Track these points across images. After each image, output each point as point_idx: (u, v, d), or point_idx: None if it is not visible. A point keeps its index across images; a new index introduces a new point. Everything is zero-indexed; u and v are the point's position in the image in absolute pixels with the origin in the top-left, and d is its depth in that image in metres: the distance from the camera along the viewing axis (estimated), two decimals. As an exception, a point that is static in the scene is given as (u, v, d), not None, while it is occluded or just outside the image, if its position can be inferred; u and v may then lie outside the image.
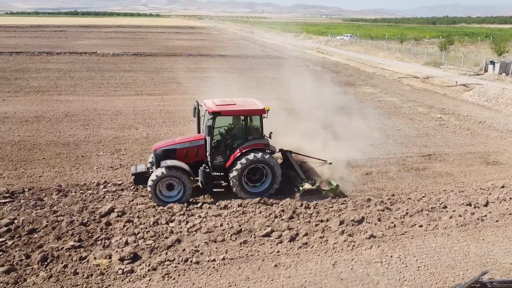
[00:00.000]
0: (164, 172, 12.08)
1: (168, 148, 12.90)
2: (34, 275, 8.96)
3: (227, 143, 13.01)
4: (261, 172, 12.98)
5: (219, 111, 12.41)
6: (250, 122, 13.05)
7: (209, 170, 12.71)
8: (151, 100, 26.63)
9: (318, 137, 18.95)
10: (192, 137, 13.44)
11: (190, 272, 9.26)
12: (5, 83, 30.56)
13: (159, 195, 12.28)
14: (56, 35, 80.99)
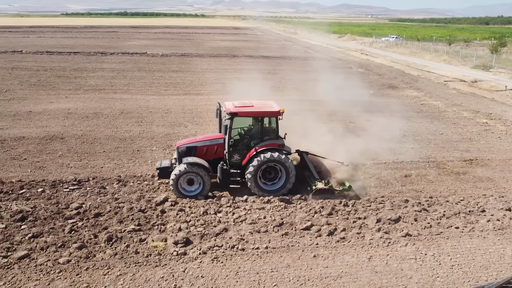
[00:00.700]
0: (185, 168, 13.10)
1: (190, 146, 13.91)
2: (101, 252, 10.28)
3: (244, 143, 13.85)
4: (276, 171, 13.63)
5: (236, 112, 13.30)
6: (268, 123, 13.81)
7: (227, 167, 13.67)
8: (198, 100, 28.03)
9: (358, 139, 19.50)
10: (212, 136, 14.43)
11: (236, 257, 10.25)
12: (66, 82, 33.12)
13: (180, 189, 13.29)
14: (109, 36, 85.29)
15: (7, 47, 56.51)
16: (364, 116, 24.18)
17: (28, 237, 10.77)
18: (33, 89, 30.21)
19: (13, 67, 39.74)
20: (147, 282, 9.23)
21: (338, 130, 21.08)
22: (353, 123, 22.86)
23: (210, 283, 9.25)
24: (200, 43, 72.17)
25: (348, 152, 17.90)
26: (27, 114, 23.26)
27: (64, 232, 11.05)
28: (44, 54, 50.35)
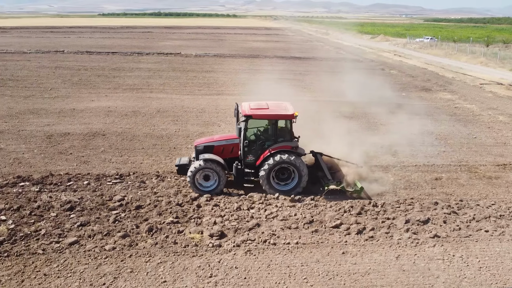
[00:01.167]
0: (201, 164, 13.64)
1: (207, 145, 14.45)
2: (143, 241, 11.08)
3: (259, 144, 14.24)
4: (289, 172, 13.98)
5: (251, 114, 13.70)
6: (285, 125, 14.17)
7: (241, 166, 14.18)
8: (231, 100, 28.68)
9: (388, 141, 19.67)
10: (229, 136, 14.94)
11: (268, 251, 10.80)
12: (106, 81, 34.67)
13: (196, 184, 13.86)
14: (144, 36, 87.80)
15: (50, 47, 59.36)
16: (395, 119, 24.19)
17: (76, 225, 11.72)
18: (75, 87, 31.85)
19: (56, 66, 41.87)
20: (185, 271, 9.93)
21: (368, 132, 21.31)
22: (384, 125, 22.95)
23: (243, 274, 9.84)
24: (232, 44, 73.19)
25: (377, 154, 18.16)
26: (71, 111, 24.66)
27: (108, 222, 11.95)
28: (84, 54, 52.62)
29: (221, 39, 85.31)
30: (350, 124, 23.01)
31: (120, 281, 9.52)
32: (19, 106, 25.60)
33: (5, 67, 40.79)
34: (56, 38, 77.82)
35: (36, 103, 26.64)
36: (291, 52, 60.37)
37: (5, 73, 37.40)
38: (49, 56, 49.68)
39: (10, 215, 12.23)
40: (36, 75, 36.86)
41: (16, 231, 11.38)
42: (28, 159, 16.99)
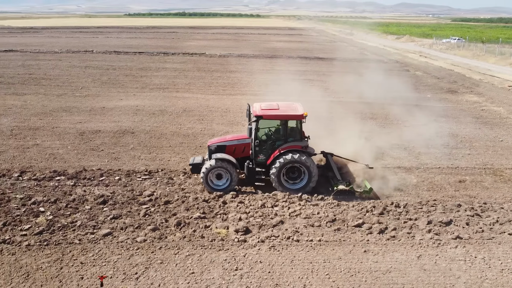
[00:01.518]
0: (214, 163, 14.06)
1: (220, 144, 14.86)
2: (172, 234, 11.62)
3: (270, 143, 14.55)
4: (299, 171, 14.26)
5: (261, 115, 14.08)
6: (295, 125, 14.47)
7: (253, 165, 14.49)
8: (254, 100, 28.98)
9: (412, 143, 19.71)
10: (241, 136, 15.30)
11: (291, 247, 11.17)
12: (133, 80, 35.69)
13: (209, 183, 14.27)
14: (169, 36, 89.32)
15: (80, 47, 61.25)
16: (419, 121, 24.13)
17: (109, 218, 12.38)
18: (105, 86, 32.94)
19: (86, 66, 43.29)
20: (212, 263, 10.40)
21: (391, 134, 21.37)
22: (407, 127, 22.92)
23: (267, 268, 10.24)
24: (256, 44, 73.67)
25: (400, 155, 18.26)
26: (101, 109, 25.61)
27: (139, 216, 12.56)
28: (112, 54, 54.11)
29: (244, 39, 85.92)
30: (373, 126, 23.12)
31: (151, 271, 10.07)
32: (52, 104, 26.74)
33: (38, 66, 42.46)
34: (85, 38, 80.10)
35: (68, 101, 27.75)
36: (315, 53, 60.40)
37: (38, 72, 38.96)
38: (79, 56, 51.34)
39: (48, 207, 13.00)
40: (67, 74, 38.26)
41: (54, 222, 12.12)
42: (62, 155, 17.87)
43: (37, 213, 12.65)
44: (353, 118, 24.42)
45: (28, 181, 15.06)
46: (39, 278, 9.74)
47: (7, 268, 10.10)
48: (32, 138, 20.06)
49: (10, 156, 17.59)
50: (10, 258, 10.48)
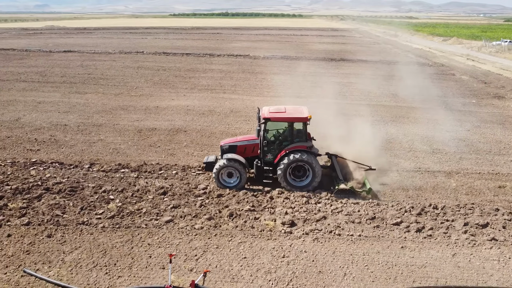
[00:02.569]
0: (225, 162, 15.24)
1: (231, 145, 16.04)
2: (225, 224, 13.01)
3: (277, 144, 15.64)
4: (304, 170, 15.24)
5: (269, 117, 15.18)
6: (301, 127, 15.50)
7: (261, 164, 15.57)
8: (298, 103, 30.18)
9: (454, 148, 20.13)
10: (251, 137, 16.45)
11: (333, 240, 12.24)
12: (182, 81, 37.75)
13: (221, 180, 15.44)
14: (214, 37, 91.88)
15: (131, 48, 64.67)
16: (463, 126, 24.32)
17: (170, 207, 13.95)
18: (157, 87, 35.14)
19: (138, 66, 46.00)
20: (262, 250, 11.68)
21: (433, 138, 21.82)
22: (449, 132, 23.19)
23: (311, 257, 11.39)
24: (299, 46, 74.47)
25: (441, 160, 18.80)
26: (155, 109, 27.62)
27: (195, 206, 14.06)
28: (161, 55, 56.84)
29: (287, 40, 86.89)
30: (415, 129, 23.59)
31: (208, 254, 11.49)
32: (111, 103, 29.09)
33: (95, 66, 45.60)
34: (135, 39, 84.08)
35: (125, 100, 30.04)
36: (358, 55, 60.43)
37: (96, 72, 41.95)
38: (131, 57, 54.40)
39: (116, 195, 14.79)
40: (122, 74, 40.96)
41: (123, 208, 13.85)
42: (124, 150, 19.80)
43: (107, 200, 14.46)
44: (396, 123, 25.04)
45: (97, 172, 17.02)
46: (114, 255, 11.41)
47: (87, 245, 11.85)
48: (97, 134, 22.22)
49: (80, 150, 19.72)
50: (89, 237, 12.26)
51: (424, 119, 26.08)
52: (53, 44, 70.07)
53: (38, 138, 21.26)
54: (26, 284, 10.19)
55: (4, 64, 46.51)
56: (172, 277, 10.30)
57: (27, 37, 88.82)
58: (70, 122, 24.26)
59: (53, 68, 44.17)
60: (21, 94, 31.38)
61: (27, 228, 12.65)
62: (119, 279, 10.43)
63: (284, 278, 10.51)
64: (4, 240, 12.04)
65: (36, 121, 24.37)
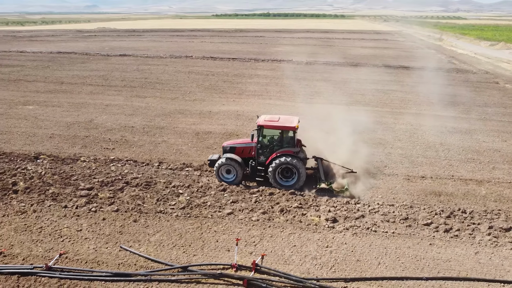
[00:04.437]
0: (224, 161, 17.94)
1: (231, 146, 18.83)
2: (277, 218, 15.41)
3: (269, 147, 18.08)
4: (291, 171, 17.59)
5: (263, 125, 17.66)
6: (289, 134, 17.92)
7: (255, 165, 18.06)
8: (339, 109, 32.11)
9: (488, 157, 21.49)
10: (248, 141, 18.98)
11: (369, 236, 14.33)
12: (231, 87, 40.53)
13: (220, 176, 18.24)
14: (257, 41, 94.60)
15: (180, 52, 68.51)
16: (500, 136, 25.38)
17: (229, 202, 16.53)
18: (208, 92, 38.11)
19: (189, 71, 49.36)
20: (308, 241, 13.97)
21: (470, 148, 23.18)
22: (485, 142, 24.39)
23: (350, 248, 13.56)
24: (341, 50, 75.71)
25: (474, 169, 20.28)
26: (208, 113, 30.47)
27: (251, 202, 16.55)
28: (209, 59, 60.14)
29: (329, 44, 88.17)
30: (451, 139, 24.95)
31: (264, 241, 13.93)
32: (169, 107, 32.26)
33: (150, 71, 49.39)
34: (182, 43, 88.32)
35: (181, 104, 33.14)
36: (400, 61, 61.07)
37: (151, 76, 45.62)
38: (181, 61, 58.02)
39: (184, 190, 17.55)
40: (175, 79, 44.36)
41: (191, 201, 16.57)
42: (185, 150, 22.65)
43: (177, 194, 17.25)
44: (432, 131, 26.48)
45: (165, 169, 19.91)
46: (188, 239, 14.08)
47: (166, 229, 14.62)
48: (160, 135, 25.27)
49: (147, 149, 22.78)
50: (166, 223, 15.03)
51: (462, 129, 27.28)
52: (109, 48, 75.27)
53: (112, 138, 24.57)
54: (123, 256, 13.05)
55: (69, 68, 51.30)
56: (237, 257, 12.80)
57: (83, 40, 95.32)
58: (136, 124, 27.52)
59: (113, 72, 48.33)
60: (90, 97, 35.25)
61: (116, 214, 15.62)
62: (194, 257, 13.08)
63: (327, 264, 12.77)
64: (101, 222, 15.04)
65: (107, 122, 27.83)
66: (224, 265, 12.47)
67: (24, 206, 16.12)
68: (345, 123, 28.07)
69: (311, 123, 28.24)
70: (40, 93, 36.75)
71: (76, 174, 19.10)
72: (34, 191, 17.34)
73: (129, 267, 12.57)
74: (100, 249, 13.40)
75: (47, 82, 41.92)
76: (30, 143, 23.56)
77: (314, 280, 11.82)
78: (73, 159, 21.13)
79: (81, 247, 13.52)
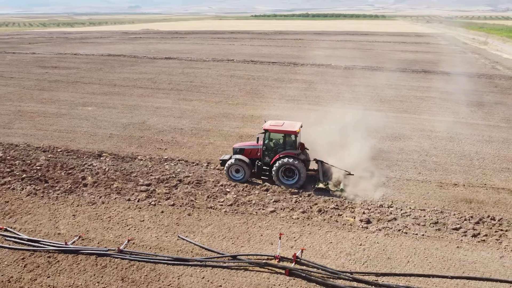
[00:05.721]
0: (233, 161, 19.97)
1: (240, 147, 20.93)
2: (315, 217, 17.01)
3: (274, 149, 19.95)
4: (293, 171, 19.34)
5: (267, 129, 19.80)
6: (292, 138, 19.73)
7: (261, 164, 20.08)
8: (378, 116, 33.13)
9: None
10: (255, 143, 20.61)
11: (400, 237, 15.67)
12: (271, 91, 42.31)
13: (230, 175, 20.22)
14: (296, 44, 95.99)
15: (222, 55, 71.10)
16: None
17: (272, 201, 18.30)
18: (249, 96, 40.08)
19: (231, 75, 51.62)
20: (344, 239, 15.49)
21: (506, 158, 23.77)
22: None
23: (382, 247, 14.97)
24: (380, 54, 75.71)
25: (508, 178, 21.00)
26: (250, 117, 32.38)
27: (292, 202, 18.25)
28: (249, 63, 62.23)
29: (369, 48, 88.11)
30: (487, 148, 25.52)
31: (303, 237, 15.59)
32: (213, 110, 34.47)
33: (194, 74, 52.05)
34: (223, 45, 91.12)
35: (224, 108, 35.27)
36: (441, 66, 60.61)
37: (196, 80, 48.20)
38: (223, 65, 60.47)
39: (231, 189, 19.49)
40: (218, 82, 46.69)
41: (237, 199, 18.48)
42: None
43: (225, 192, 19.22)
44: (468, 140, 27.12)
45: (213, 169, 21.96)
46: (236, 232, 15.97)
47: (216, 223, 16.58)
48: (207, 137, 27.42)
49: (196, 150, 24.95)
50: (216, 218, 17.00)
51: (499, 138, 27.68)
52: (154, 50, 79.09)
53: (163, 139, 26.98)
54: (181, 244, 15.11)
55: (120, 70, 54.91)
56: (279, 250, 14.53)
57: (130, 42, 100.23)
58: (184, 126, 29.85)
59: (160, 75, 51.36)
60: (141, 100, 38.11)
61: (173, 208, 17.77)
62: (242, 248, 14.94)
63: (360, 259, 14.27)
64: (160, 214, 17.23)
65: (158, 124, 30.35)
66: (268, 256, 14.24)
67: (94, 198, 18.62)
68: (381, 130, 29.24)
69: (347, 130, 29.39)
70: (96, 95, 40.06)
71: (135, 171, 21.51)
72: (101, 185, 19.85)
73: (187, 254, 14.60)
74: (161, 238, 15.54)
75: (101, 84, 45.38)
76: (92, 142, 26.35)
77: (348, 273, 13.37)
78: (132, 157, 23.63)
79: (144, 235, 15.72)
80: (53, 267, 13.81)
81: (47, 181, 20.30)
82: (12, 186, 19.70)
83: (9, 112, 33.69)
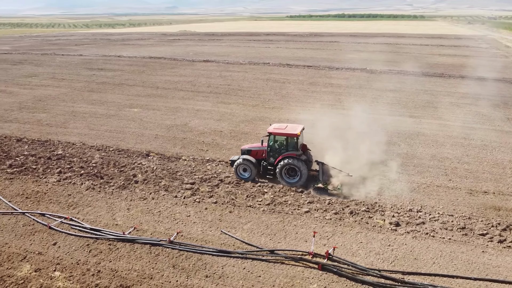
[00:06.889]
0: (241, 161, 21.82)
1: (248, 149, 22.77)
2: (347, 218, 18.26)
3: (277, 150, 21.56)
4: (295, 171, 20.98)
5: (271, 132, 21.39)
6: (293, 140, 21.30)
7: (266, 164, 21.85)
8: (410, 122, 33.77)
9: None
10: (261, 145, 22.45)
11: (428, 240, 16.67)
12: (306, 95, 43.54)
13: (238, 173, 22.09)
14: (331, 47, 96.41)
15: (258, 58, 72.83)
16: None
17: (307, 202, 19.68)
18: (284, 100, 41.49)
19: (266, 78, 53.20)
20: (373, 239, 16.66)
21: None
22: (557, 162, 24.94)
23: (409, 248, 16.06)
24: (417, 58, 75.14)
25: None
26: (286, 121, 33.66)
27: (325, 203, 19.58)
28: (285, 66, 63.63)
29: (406, 51, 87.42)
30: (504, 157, 25.79)
31: (335, 237, 16.90)
32: (251, 114, 36.13)
33: (232, 77, 54.00)
34: (259, 48, 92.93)
35: (261, 112, 36.86)
36: (479, 71, 59.55)
37: (233, 83, 50.11)
38: (259, 68, 62.17)
39: (268, 190, 21.02)
40: (254, 86, 48.38)
41: (274, 199, 19.99)
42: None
43: (263, 192, 20.77)
44: (503, 148, 27.42)
45: (252, 171, 23.54)
46: (273, 229, 17.47)
47: (255, 221, 18.15)
48: (245, 140, 29.08)
49: (235, 152, 26.61)
50: (255, 216, 18.58)
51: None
52: (193, 53, 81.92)
53: (205, 141, 28.88)
54: (224, 238, 16.78)
55: (161, 73, 57.69)
56: (313, 247, 15.92)
57: (169, 44, 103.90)
58: (224, 129, 31.68)
59: (199, 78, 53.66)
60: (182, 102, 40.34)
61: (215, 205, 19.51)
62: (279, 244, 16.44)
63: (388, 259, 15.44)
64: (204, 211, 19.00)
65: (199, 126, 32.33)
66: (303, 252, 15.65)
67: (145, 194, 20.65)
68: (414, 137, 29.93)
69: (381, 134, 30.26)
70: (141, 97, 42.68)
71: (180, 171, 23.45)
72: (150, 183, 21.89)
73: (229, 247, 16.24)
74: (205, 232, 17.28)
75: (145, 87, 48.11)
76: (140, 142, 28.61)
77: (377, 270, 14.59)
78: (176, 157, 25.63)
79: (191, 228, 17.51)
80: (113, 253, 15.81)
81: (102, 177, 22.57)
82: (73, 181, 22.08)
83: (64, 112, 36.71)
